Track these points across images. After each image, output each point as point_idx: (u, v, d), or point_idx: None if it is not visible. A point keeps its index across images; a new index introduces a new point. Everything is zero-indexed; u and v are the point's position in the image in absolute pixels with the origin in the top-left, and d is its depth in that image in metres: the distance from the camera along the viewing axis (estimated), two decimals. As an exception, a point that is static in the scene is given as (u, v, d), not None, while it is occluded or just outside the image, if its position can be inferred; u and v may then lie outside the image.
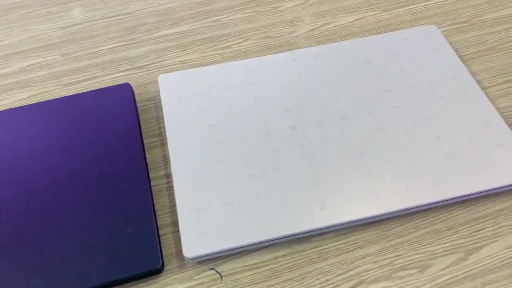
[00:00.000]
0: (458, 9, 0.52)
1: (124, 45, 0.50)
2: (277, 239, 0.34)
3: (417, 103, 0.41)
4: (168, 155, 0.40)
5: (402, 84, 0.42)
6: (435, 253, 0.34)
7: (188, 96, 0.42)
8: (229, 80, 0.43)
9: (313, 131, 0.39)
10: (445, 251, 0.34)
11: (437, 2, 0.53)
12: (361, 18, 0.52)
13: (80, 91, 0.46)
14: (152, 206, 0.35)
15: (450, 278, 0.33)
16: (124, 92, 0.43)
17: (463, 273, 0.33)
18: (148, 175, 0.38)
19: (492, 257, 0.33)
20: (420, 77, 0.43)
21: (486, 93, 0.44)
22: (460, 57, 0.47)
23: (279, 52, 0.48)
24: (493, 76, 0.46)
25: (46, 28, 0.52)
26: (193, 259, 0.33)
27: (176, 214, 0.37)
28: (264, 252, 0.35)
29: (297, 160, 0.37)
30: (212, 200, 0.35)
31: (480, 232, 0.35)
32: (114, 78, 0.47)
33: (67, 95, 0.45)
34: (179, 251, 0.35)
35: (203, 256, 0.33)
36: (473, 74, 0.46)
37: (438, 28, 0.50)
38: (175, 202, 0.36)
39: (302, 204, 0.35)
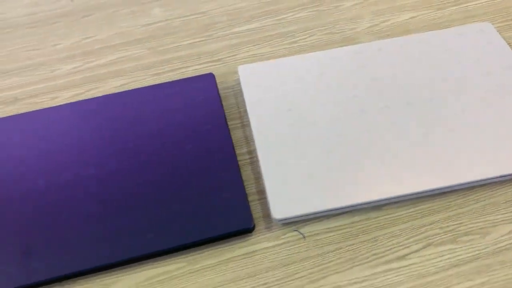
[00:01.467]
0: (510, 7, 0.56)
1: (202, 40, 0.56)
2: (353, 206, 0.39)
3: (475, 91, 0.45)
4: (250, 135, 0.46)
5: (459, 75, 0.46)
6: (495, 222, 0.38)
7: (265, 84, 0.47)
8: (300, 71, 0.48)
9: (381, 114, 0.44)
10: (504, 220, 0.38)
11: (488, 1, 0.57)
12: (416, 16, 0.56)
13: (166, 81, 0.52)
14: (241, 176, 0.41)
15: (510, 243, 0.37)
16: (208, 80, 0.48)
17: (522, 239, 0.37)
18: (235, 151, 0.43)
19: (548, 226, 0.37)
20: (476, 69, 0.47)
21: (538, 84, 0.48)
22: (512, 51, 0.51)
23: (343, 46, 0.53)
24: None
25: (130, 25, 0.59)
26: (280, 220, 0.38)
27: (260, 184, 0.42)
28: (341, 217, 0.39)
29: (368, 138, 0.42)
30: (294, 171, 0.40)
31: (537, 204, 0.39)
32: (195, 69, 0.53)
33: (156, 83, 0.51)
34: (265, 215, 0.40)
35: (288, 219, 0.38)
36: (525, 66, 0.49)
37: (492, 24, 0.54)
38: (260, 174, 0.42)
39: (375, 176, 0.40)
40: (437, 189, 0.39)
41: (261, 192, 0.42)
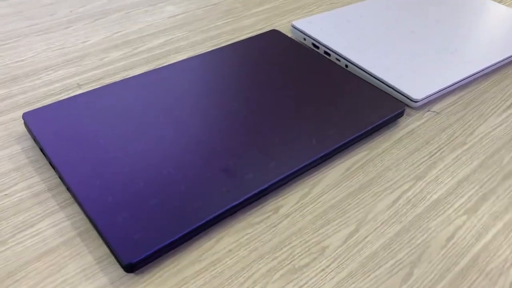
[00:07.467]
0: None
1: (232, 20, 0.60)
2: (458, 81, 0.47)
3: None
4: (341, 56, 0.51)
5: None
6: (540, 75, 0.51)
7: (317, 26, 0.54)
8: (336, 19, 0.57)
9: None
10: (544, 73, 0.52)
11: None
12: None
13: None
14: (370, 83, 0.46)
15: (559, 82, 0.50)
16: (276, 33, 0.53)
17: None
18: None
19: None
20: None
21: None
22: None
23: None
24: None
25: (155, 19, 0.59)
26: (417, 101, 0.44)
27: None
28: (452, 94, 0.47)
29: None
30: (402, 63, 0.47)
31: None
32: (247, 37, 0.56)
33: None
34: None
35: (424, 99, 0.44)
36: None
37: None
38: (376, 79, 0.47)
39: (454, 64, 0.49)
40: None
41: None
